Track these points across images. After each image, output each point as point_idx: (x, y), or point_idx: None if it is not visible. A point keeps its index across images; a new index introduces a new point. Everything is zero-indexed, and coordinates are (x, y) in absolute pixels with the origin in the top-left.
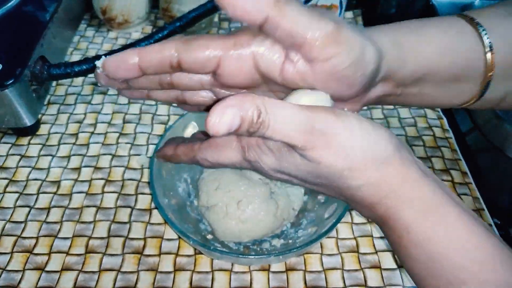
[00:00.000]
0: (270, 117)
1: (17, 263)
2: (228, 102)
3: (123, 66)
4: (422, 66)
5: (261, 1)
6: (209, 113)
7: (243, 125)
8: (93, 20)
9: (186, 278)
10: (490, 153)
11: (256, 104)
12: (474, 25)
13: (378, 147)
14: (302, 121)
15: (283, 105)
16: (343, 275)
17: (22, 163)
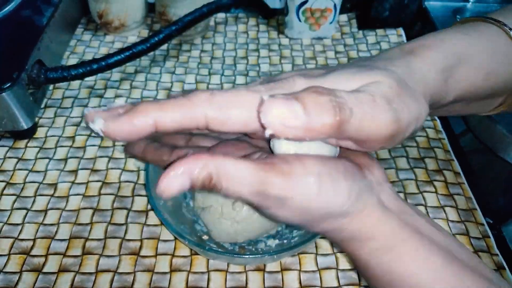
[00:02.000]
0: (222, 180)
1: (14, 265)
2: (177, 168)
3: (134, 131)
4: (464, 93)
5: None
6: (161, 177)
7: (195, 187)
8: (90, 24)
9: (182, 278)
10: (483, 154)
11: (207, 171)
12: (510, 36)
13: (335, 203)
14: (255, 186)
15: (236, 167)
16: (338, 275)
17: (19, 166)
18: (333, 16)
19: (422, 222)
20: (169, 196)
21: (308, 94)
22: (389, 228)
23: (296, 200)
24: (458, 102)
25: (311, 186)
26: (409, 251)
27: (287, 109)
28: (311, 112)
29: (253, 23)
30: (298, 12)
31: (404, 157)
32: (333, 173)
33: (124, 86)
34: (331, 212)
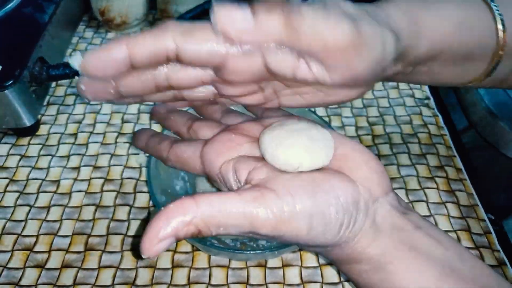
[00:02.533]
0: (213, 230)
1: (18, 261)
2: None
3: (109, 62)
4: (437, 44)
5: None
6: (142, 238)
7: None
8: (91, 21)
9: (184, 274)
10: (485, 150)
11: (194, 226)
12: (487, 2)
13: (326, 239)
14: (246, 228)
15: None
16: (339, 270)
17: (22, 163)
18: None
19: (420, 236)
20: (152, 257)
21: (258, 3)
22: (380, 250)
23: (286, 237)
24: (435, 60)
25: (301, 226)
26: (400, 269)
27: (237, 11)
28: (260, 14)
29: None
30: None
31: (406, 153)
32: (324, 206)
33: None
34: (321, 245)
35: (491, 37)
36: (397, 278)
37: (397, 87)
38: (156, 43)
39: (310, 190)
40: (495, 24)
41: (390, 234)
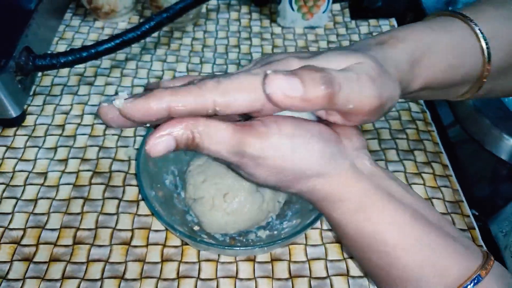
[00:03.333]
0: (204, 139)
1: (5, 254)
2: (163, 129)
3: (149, 114)
4: (428, 82)
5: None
6: (148, 137)
7: (179, 146)
8: (78, 9)
9: (173, 268)
10: (470, 145)
11: (189, 130)
12: (476, 33)
13: (308, 164)
14: (233, 145)
15: (216, 128)
16: (327, 265)
17: (8, 154)
18: (326, 5)
19: (394, 185)
20: (156, 156)
21: (303, 70)
22: (360, 190)
23: (270, 160)
24: (424, 90)
25: (285, 147)
26: (378, 211)
27: (287, 82)
28: (307, 85)
29: (245, 11)
30: (291, 1)
31: (394, 149)
32: (306, 135)
33: (115, 74)
34: (304, 172)
35: (476, 70)
36: (376, 218)
37: None
38: (197, 102)
39: (294, 120)
40: (482, 57)
41: (369, 178)
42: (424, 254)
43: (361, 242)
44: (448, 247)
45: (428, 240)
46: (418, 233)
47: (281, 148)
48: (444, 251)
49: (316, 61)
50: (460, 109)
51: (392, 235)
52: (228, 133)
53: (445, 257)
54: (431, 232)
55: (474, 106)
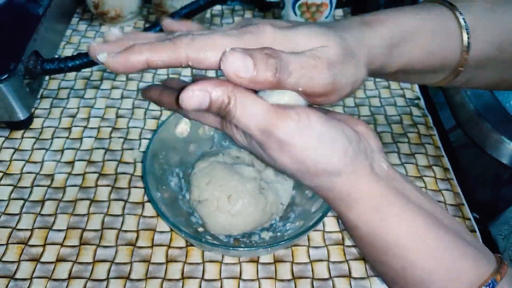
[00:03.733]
0: (238, 108)
1: (13, 254)
2: (204, 85)
3: (129, 65)
4: (405, 65)
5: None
6: (186, 88)
7: (211, 107)
8: (85, 14)
9: (178, 269)
10: (471, 149)
11: (226, 93)
12: (459, 22)
13: (331, 160)
14: (264, 123)
15: (253, 101)
16: (329, 267)
17: (16, 156)
18: (329, 10)
19: (410, 188)
20: (188, 107)
21: (260, 54)
22: (378, 191)
23: (296, 148)
24: (400, 73)
25: (312, 139)
26: (394, 213)
27: (241, 63)
28: (259, 69)
29: (249, 16)
30: (295, 6)
31: (396, 152)
32: (332, 132)
33: (120, 78)
34: (326, 168)
35: (454, 58)
36: (392, 219)
37: (389, 87)
38: (172, 57)
39: (322, 116)
40: (461, 46)
41: (386, 181)
42: (439, 258)
43: (376, 244)
44: (463, 252)
45: (443, 244)
46: (433, 237)
47: (308, 139)
48: (459, 256)
49: (287, 33)
50: (461, 113)
51: (408, 238)
52: (262, 109)
53: (460, 262)
54: (446, 236)
55: (476, 110)
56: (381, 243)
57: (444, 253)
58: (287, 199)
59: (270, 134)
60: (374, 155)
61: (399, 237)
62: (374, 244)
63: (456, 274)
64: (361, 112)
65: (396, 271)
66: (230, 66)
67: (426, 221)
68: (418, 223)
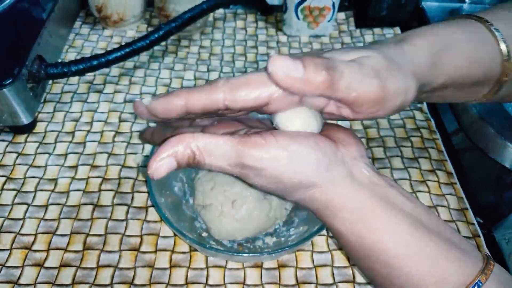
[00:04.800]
0: (205, 156)
1: (16, 259)
2: (163, 151)
3: (170, 110)
4: (450, 78)
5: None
6: (149, 161)
7: (181, 165)
8: (88, 18)
9: (182, 274)
10: (474, 152)
11: (190, 149)
12: (493, 33)
13: (305, 174)
14: (233, 158)
15: (215, 143)
16: (333, 272)
17: (19, 160)
18: (332, 14)
19: (394, 193)
20: (159, 177)
21: (307, 56)
22: (358, 199)
23: (269, 170)
24: (448, 88)
25: (282, 158)
26: (377, 220)
27: (289, 62)
28: (308, 68)
29: (251, 20)
30: (297, 10)
31: (399, 157)
32: (302, 146)
33: (123, 82)
34: (301, 182)
35: (496, 67)
36: (376, 227)
37: None
38: (209, 98)
39: (290, 133)
40: (501, 55)
41: (368, 187)
42: (424, 262)
43: (363, 251)
44: (448, 255)
45: (428, 248)
46: (418, 242)
47: (279, 159)
48: (444, 259)
49: (328, 54)
50: (464, 117)
51: (392, 245)
52: (227, 147)
53: (445, 265)
54: (431, 240)
55: (479, 114)
56: (367, 250)
57: (428, 258)
58: (291, 204)
59: (242, 166)
60: (355, 162)
61: (382, 244)
62: (361, 251)
63: (441, 277)
64: None
65: (383, 276)
66: (279, 67)
67: (410, 227)
68: (402, 229)
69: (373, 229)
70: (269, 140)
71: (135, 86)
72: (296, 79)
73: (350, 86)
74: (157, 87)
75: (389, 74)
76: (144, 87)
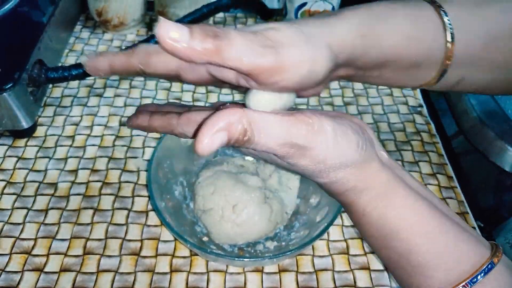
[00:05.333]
0: (255, 134)
1: (16, 264)
2: (216, 121)
3: (97, 66)
4: (385, 54)
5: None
6: (198, 135)
7: (230, 142)
8: (88, 22)
9: (182, 278)
10: (474, 155)
11: (242, 124)
12: (440, 14)
13: (346, 156)
14: (283, 138)
15: (267, 121)
16: (334, 276)
17: (19, 165)
18: None
19: (408, 176)
20: (209, 154)
21: (197, 24)
22: (385, 178)
23: (316, 150)
24: (385, 67)
25: (329, 138)
26: (399, 198)
27: (177, 28)
28: (195, 36)
29: (251, 23)
30: (297, 14)
31: (399, 160)
32: (344, 128)
33: (124, 86)
34: (344, 162)
35: (439, 49)
36: (397, 206)
37: (391, 94)
38: (127, 61)
39: (331, 115)
40: (444, 36)
41: (390, 168)
42: (442, 241)
43: (384, 228)
44: (463, 236)
45: (445, 228)
46: (436, 221)
47: (326, 139)
48: (460, 240)
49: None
50: (464, 121)
51: (414, 222)
52: (278, 125)
53: (461, 245)
54: (447, 222)
55: (479, 117)
56: (388, 227)
57: (446, 237)
58: (292, 208)
59: (292, 145)
60: (375, 145)
61: (405, 221)
62: (382, 229)
63: (458, 256)
64: (364, 119)
65: (401, 254)
66: (165, 31)
67: (428, 207)
68: (421, 208)
69: (396, 206)
70: (315, 121)
71: (135, 90)
72: (182, 45)
73: (240, 55)
74: (157, 91)
75: (291, 45)
76: (144, 91)
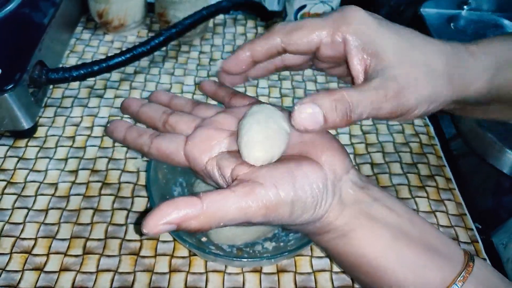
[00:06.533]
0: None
1: (16, 264)
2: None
3: (240, 60)
4: (507, 94)
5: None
6: (148, 215)
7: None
8: (89, 23)
9: (181, 278)
10: (472, 158)
11: (197, 220)
12: None
13: (302, 220)
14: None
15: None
16: (332, 277)
17: (19, 165)
18: None
19: (376, 207)
20: (305, 129)
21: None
22: (344, 221)
23: (272, 221)
24: (503, 104)
25: (285, 213)
26: (360, 235)
27: (311, 118)
28: (328, 118)
29: (251, 25)
30: (297, 16)
31: (398, 162)
32: (303, 198)
33: (124, 87)
34: (298, 224)
35: None
36: (357, 242)
37: None
38: (268, 43)
39: (289, 181)
40: None
41: (352, 206)
42: (405, 271)
43: (347, 263)
44: (426, 262)
45: (408, 258)
46: (398, 253)
47: (282, 213)
48: (422, 267)
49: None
50: (462, 123)
51: (373, 256)
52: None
53: (425, 272)
54: (411, 249)
55: (477, 121)
56: (350, 263)
57: (409, 267)
58: None
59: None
60: (341, 183)
61: (364, 257)
62: (344, 262)
63: (421, 284)
64: (363, 121)
65: (369, 284)
66: (302, 119)
67: (391, 238)
68: (382, 241)
69: (354, 244)
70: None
71: (136, 91)
72: (316, 129)
73: (361, 114)
74: None
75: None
76: (145, 92)
